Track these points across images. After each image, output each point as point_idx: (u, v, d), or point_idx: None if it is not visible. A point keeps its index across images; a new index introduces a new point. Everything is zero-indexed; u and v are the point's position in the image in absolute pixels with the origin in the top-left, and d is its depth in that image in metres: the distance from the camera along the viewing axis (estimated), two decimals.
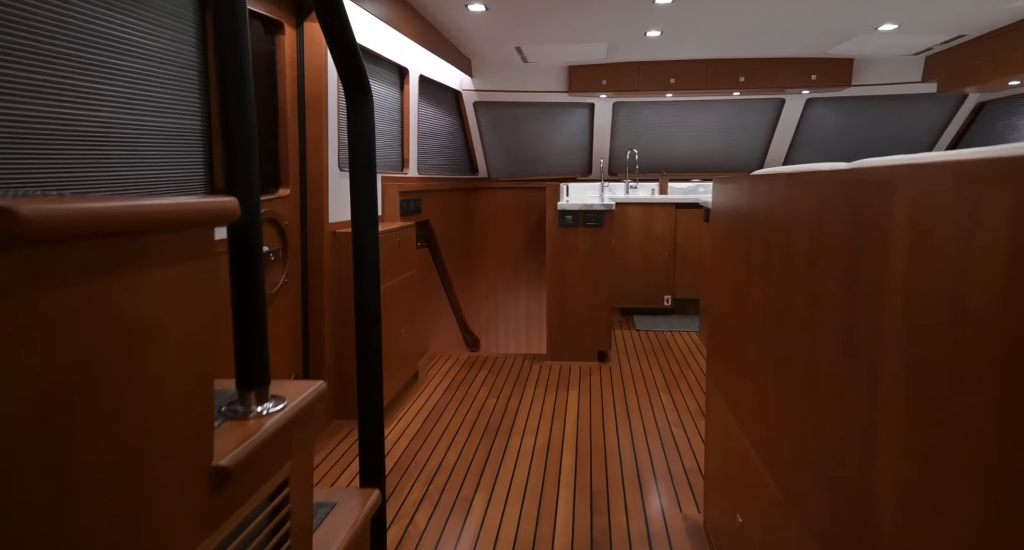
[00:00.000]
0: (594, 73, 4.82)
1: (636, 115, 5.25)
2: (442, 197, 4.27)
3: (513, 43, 4.12)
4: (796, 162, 5.38)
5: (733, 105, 5.09)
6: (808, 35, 3.95)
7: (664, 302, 4.88)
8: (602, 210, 3.60)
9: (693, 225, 4.77)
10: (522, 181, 5.57)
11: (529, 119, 5.19)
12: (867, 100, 4.78)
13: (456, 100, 4.75)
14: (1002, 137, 4.24)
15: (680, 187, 5.34)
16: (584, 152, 5.53)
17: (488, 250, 5.53)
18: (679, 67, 4.75)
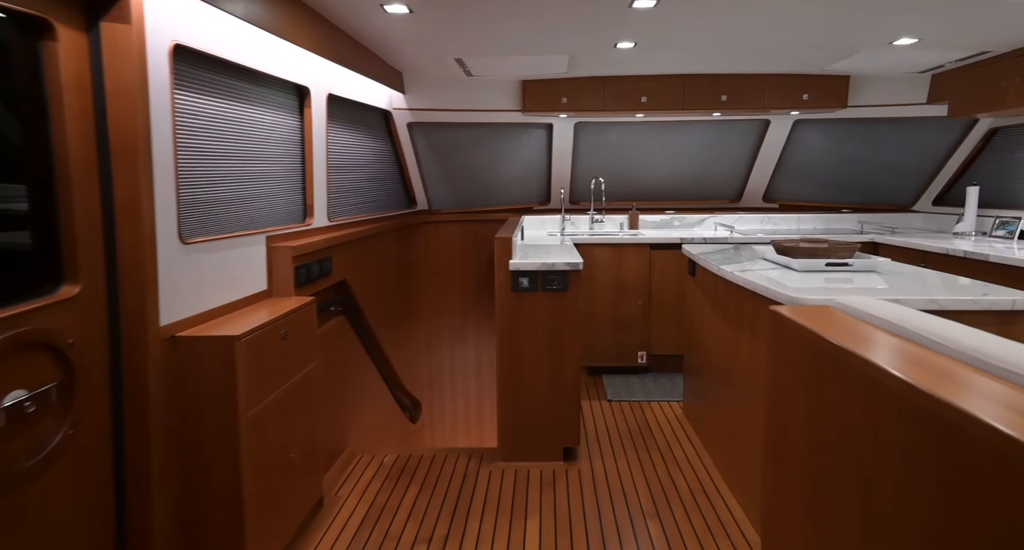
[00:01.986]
0: (552, 89, 4.05)
1: (602, 138, 4.51)
2: (364, 246, 3.41)
3: (452, 54, 3.31)
4: (780, 191, 4.73)
5: (712, 127, 4.41)
6: (805, 49, 3.27)
7: (638, 360, 4.14)
8: (567, 270, 2.82)
9: (670, 268, 4.05)
10: (470, 213, 4.75)
11: (476, 142, 4.38)
12: (861, 122, 4.17)
13: (386, 122, 3.90)
14: (1022, 167, 3.66)
15: (653, 220, 4.62)
16: (542, 179, 4.75)
17: (430, 294, 4.69)
18: (652, 83, 4.03)
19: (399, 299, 4.27)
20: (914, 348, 1.14)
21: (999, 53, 3.26)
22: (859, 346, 1.15)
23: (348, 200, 3.30)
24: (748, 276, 2.28)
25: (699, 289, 3.05)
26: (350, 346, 3.19)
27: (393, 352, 4.06)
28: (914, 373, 0.98)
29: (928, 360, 1.06)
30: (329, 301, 2.88)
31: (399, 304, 4.27)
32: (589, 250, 4.05)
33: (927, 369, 1.01)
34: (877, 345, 1.16)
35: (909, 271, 2.36)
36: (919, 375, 0.97)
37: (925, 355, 1.10)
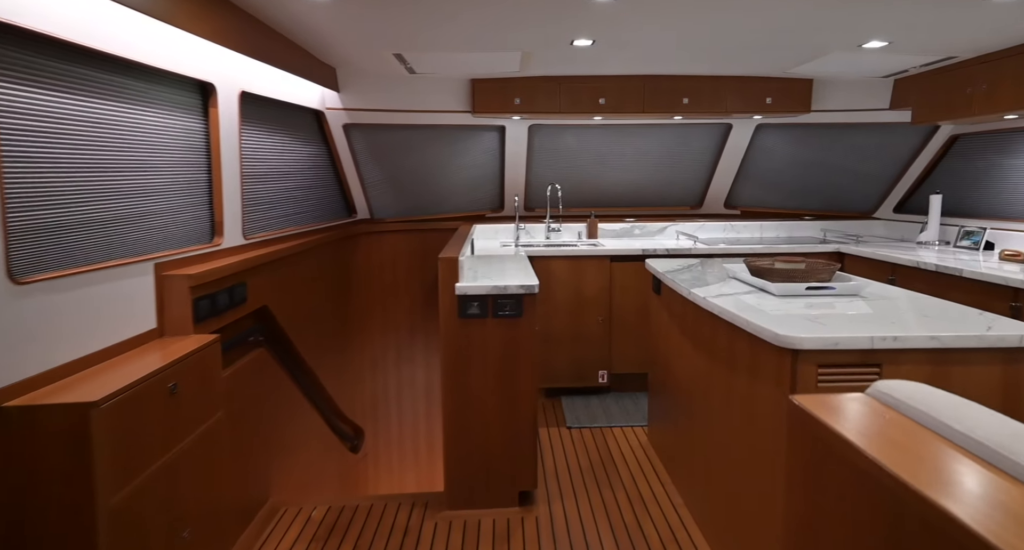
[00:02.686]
0: (504, 89, 3.74)
1: (558, 141, 4.23)
2: (293, 263, 3.02)
3: (389, 48, 2.95)
4: (741, 197, 4.56)
5: (673, 131, 4.18)
6: (772, 50, 3.06)
7: (599, 379, 3.88)
8: (520, 294, 2.51)
9: (632, 281, 3.80)
10: (417, 222, 4.40)
11: (422, 145, 4.03)
12: (822, 127, 4.02)
13: (318, 123, 3.51)
14: (985, 176, 3.57)
15: (612, 229, 4.37)
16: (494, 185, 4.44)
17: (374, 311, 4.31)
18: (611, 84, 3.77)
19: (338, 318, 3.89)
20: (1011, 486, 0.86)
21: (965, 59, 3.13)
22: (929, 483, 0.86)
23: (272, 213, 2.90)
24: (724, 304, 2.03)
25: (665, 309, 2.80)
26: (273, 380, 2.80)
27: (332, 378, 3.68)
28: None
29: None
30: (245, 333, 2.49)
31: (338, 324, 3.88)
32: (546, 263, 3.76)
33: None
34: (953, 483, 0.87)
35: (894, 294, 2.15)
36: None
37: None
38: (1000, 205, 3.46)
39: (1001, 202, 3.45)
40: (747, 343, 1.91)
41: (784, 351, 1.67)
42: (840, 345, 1.62)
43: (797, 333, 1.63)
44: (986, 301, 2.65)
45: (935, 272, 2.95)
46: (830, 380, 1.64)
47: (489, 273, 2.76)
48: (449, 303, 2.51)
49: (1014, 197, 3.37)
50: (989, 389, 1.63)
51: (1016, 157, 3.35)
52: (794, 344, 1.62)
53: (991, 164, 3.53)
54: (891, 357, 1.63)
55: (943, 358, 1.63)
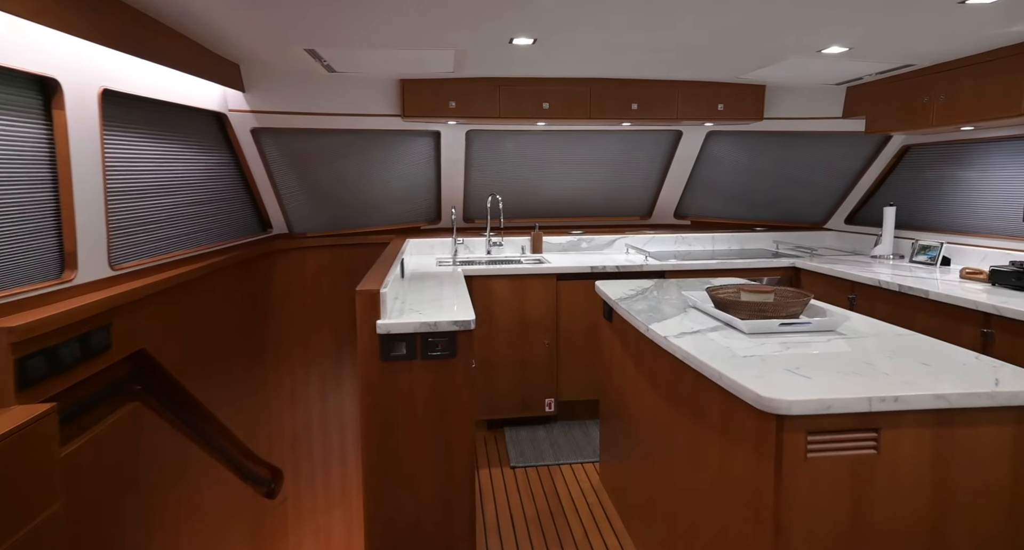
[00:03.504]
0: (438, 91, 3.38)
1: (498, 148, 3.89)
2: (185, 292, 2.56)
3: (300, 43, 2.54)
4: (691, 207, 4.35)
5: (621, 138, 3.92)
6: (728, 54, 2.82)
7: (546, 408, 3.57)
8: (454, 331, 2.16)
9: (580, 301, 3.51)
10: (343, 236, 3.97)
11: (347, 152, 3.61)
12: (774, 136, 3.84)
13: (220, 127, 3.04)
14: (935, 188, 3.46)
15: (558, 242, 4.07)
16: (430, 195, 4.06)
17: (294, 336, 3.85)
18: (555, 88, 3.46)
19: (250, 349, 3.42)
20: None
21: (921, 67, 2.99)
22: None
23: (156, 235, 2.43)
24: (689, 347, 1.73)
25: (618, 339, 2.50)
26: (156, 437, 2.33)
27: (242, 417, 3.22)
28: None
29: None
30: (108, 388, 2.02)
31: (250, 356, 3.41)
32: (487, 283, 3.41)
33: None
34: None
35: (873, 330, 1.92)
36: None
37: None
38: (953, 218, 3.36)
39: (955, 215, 3.35)
40: (718, 396, 1.62)
41: (767, 415, 1.38)
42: (833, 409, 1.34)
43: (783, 395, 1.35)
44: (954, 325, 2.48)
45: (899, 293, 2.78)
46: (821, 449, 1.37)
47: (419, 304, 2.39)
48: (369, 344, 2.13)
49: (968, 210, 3.27)
50: (999, 452, 1.40)
51: (969, 169, 3.25)
52: (780, 409, 1.34)
53: (943, 176, 3.43)
54: (891, 420, 1.37)
55: (949, 419, 1.38)
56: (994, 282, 2.63)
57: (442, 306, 2.36)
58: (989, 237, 3.11)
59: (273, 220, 3.65)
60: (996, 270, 2.61)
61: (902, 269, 3.19)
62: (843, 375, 1.49)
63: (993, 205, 3.10)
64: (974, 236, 3.20)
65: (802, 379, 1.46)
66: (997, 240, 3.06)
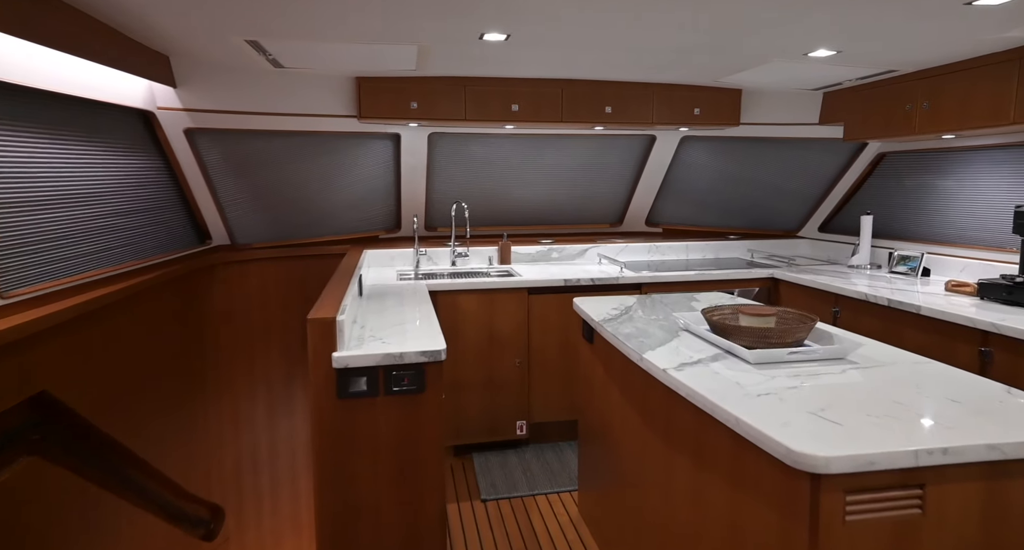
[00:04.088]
0: (398, 91, 3.11)
1: (463, 152, 3.64)
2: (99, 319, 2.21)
3: (240, 33, 2.23)
4: (663, 214, 4.20)
5: (593, 142, 3.73)
6: (709, 56, 2.66)
7: (517, 431, 3.33)
8: (422, 362, 1.90)
9: (553, 315, 3.29)
10: (293, 247, 3.64)
11: (296, 156, 3.29)
12: (748, 141, 3.72)
13: (147, 127, 2.69)
14: (914, 196, 3.39)
15: (527, 252, 3.84)
16: (389, 202, 3.77)
17: (238, 358, 3.50)
18: (524, 89, 3.23)
19: (185, 375, 3.06)
20: None
21: (904, 73, 2.89)
22: None
23: (60, 254, 2.08)
24: (695, 384, 1.53)
25: (601, 363, 2.29)
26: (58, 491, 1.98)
27: (175, 453, 2.86)
28: None
29: None
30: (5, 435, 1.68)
31: (185, 382, 3.05)
32: (452, 298, 3.15)
33: None
34: None
35: (883, 358, 1.76)
36: None
37: None
38: (931, 228, 3.30)
39: (933, 225, 3.28)
40: (728, 439, 1.42)
41: (798, 473, 1.19)
42: (876, 465, 1.16)
43: (819, 450, 1.15)
44: (949, 343, 2.37)
45: (888, 308, 2.66)
46: (861, 511, 1.18)
47: (381, 329, 2.11)
48: (323, 379, 1.85)
49: (946, 220, 3.21)
50: None
51: (947, 178, 3.19)
52: (816, 467, 1.14)
53: (920, 184, 3.36)
54: (937, 474, 1.19)
55: (1002, 471, 1.21)
56: (983, 296, 2.54)
57: (407, 331, 2.09)
58: (969, 248, 3.05)
59: (212, 231, 3.29)
60: (985, 283, 2.52)
61: (883, 280, 3.09)
62: (876, 419, 1.31)
63: (973, 215, 3.04)
64: (953, 246, 3.14)
65: (831, 426, 1.27)
66: (977, 251, 3.00)
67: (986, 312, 2.32)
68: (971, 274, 2.97)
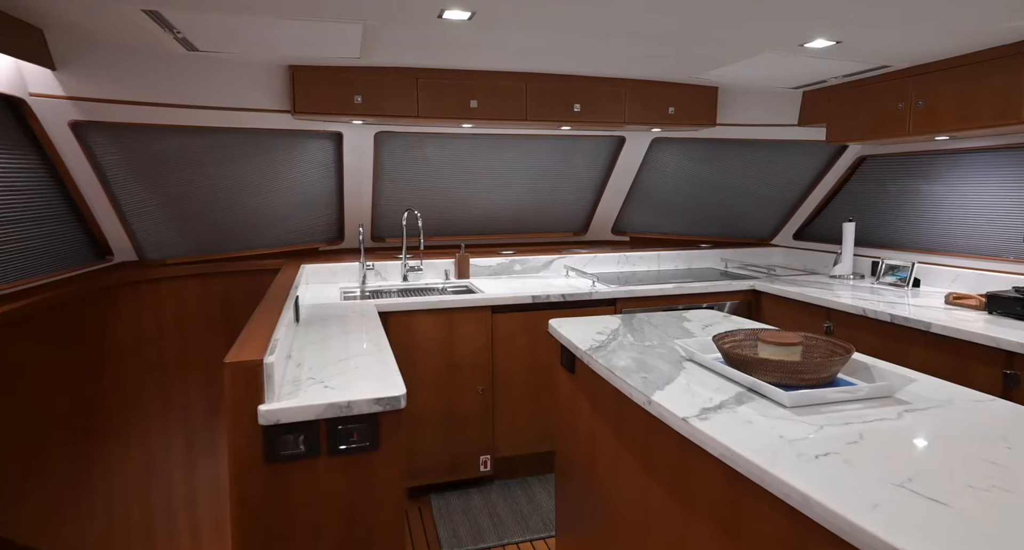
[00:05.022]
0: (340, 82, 2.70)
1: (415, 153, 3.24)
2: None
3: (136, 2, 1.77)
4: (631, 222, 3.92)
5: (558, 144, 3.41)
6: (693, 45, 2.38)
7: (481, 468, 2.95)
8: (376, 412, 1.50)
9: (520, 336, 2.93)
10: (216, 262, 3.14)
11: (221, 156, 2.81)
12: (721, 143, 3.49)
13: (18, 117, 2.16)
14: (898, 202, 3.23)
15: (487, 265, 3.47)
16: (330, 209, 3.34)
17: (148, 391, 2.97)
18: (485, 82, 2.88)
19: (77, 417, 2.52)
20: None
21: (896, 69, 2.70)
22: None
23: None
24: (730, 442, 1.20)
25: (585, 396, 1.95)
26: None
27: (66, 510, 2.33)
28: None
29: None
30: None
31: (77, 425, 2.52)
32: (406, 321, 2.75)
33: None
34: None
35: (938, 393, 1.49)
36: None
37: None
38: (918, 235, 3.13)
39: (920, 232, 3.12)
40: (783, 517, 1.10)
41: None
42: None
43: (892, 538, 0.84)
44: (966, 364, 2.16)
45: (888, 324, 2.44)
46: None
47: (323, 368, 1.70)
48: (246, 440, 1.42)
49: (935, 226, 3.04)
50: None
51: (934, 182, 3.03)
52: None
53: (905, 189, 3.20)
54: None
55: None
56: (992, 310, 2.35)
57: (355, 370, 1.68)
58: (960, 256, 2.89)
59: (114, 245, 2.77)
60: (995, 296, 2.33)
61: (872, 292, 2.89)
62: (986, 494, 1.00)
63: (965, 221, 2.89)
64: (943, 255, 2.98)
65: (938, 509, 0.96)
66: (971, 260, 2.84)
67: (1004, 329, 2.11)
68: (964, 285, 2.81)
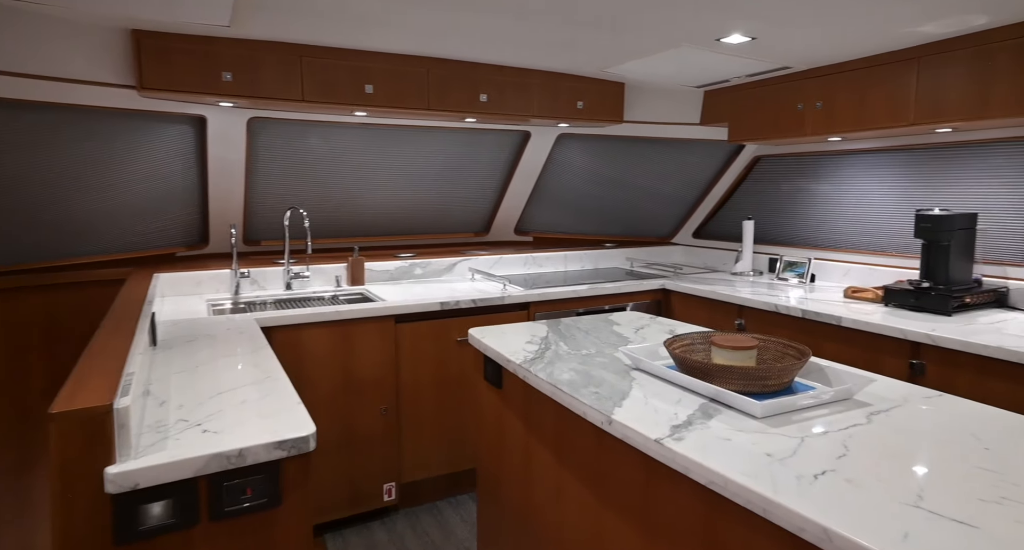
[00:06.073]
0: (203, 55, 2.27)
1: (298, 144, 2.85)
2: None
3: None
4: (534, 221, 3.78)
5: (460, 137, 3.16)
6: (610, 33, 2.25)
7: (385, 497, 2.62)
8: (280, 458, 1.17)
9: (428, 347, 2.65)
10: (39, 271, 2.53)
11: (42, 139, 2.25)
12: (626, 141, 3.44)
13: None
14: (792, 201, 3.35)
15: (384, 269, 3.14)
16: (192, 207, 2.84)
17: None
18: (382, 65, 2.57)
19: None
20: None
21: (796, 71, 2.77)
22: None
23: None
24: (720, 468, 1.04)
25: (515, 413, 1.73)
26: None
27: None
28: None
29: None
30: None
31: None
32: (294, 336, 2.36)
33: None
34: None
35: (892, 393, 1.44)
36: None
37: None
38: (810, 232, 3.26)
39: (812, 229, 3.25)
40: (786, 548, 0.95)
41: None
42: None
43: None
44: (875, 357, 2.21)
45: (800, 319, 2.47)
46: None
47: (197, 406, 1.32)
48: (85, 515, 1.03)
49: (825, 224, 3.18)
50: None
51: (823, 182, 3.17)
52: None
53: (797, 188, 3.32)
54: None
55: None
56: (888, 302, 2.45)
57: (244, 404, 1.33)
58: (850, 252, 3.04)
59: None
60: (891, 289, 2.44)
61: (770, 287, 2.96)
62: (997, 507, 0.91)
63: (854, 219, 3.03)
64: (834, 251, 3.12)
65: (966, 532, 0.85)
66: (859, 255, 3.00)
67: (905, 320, 2.19)
68: (856, 279, 2.95)
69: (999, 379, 1.86)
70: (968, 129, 2.42)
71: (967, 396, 1.94)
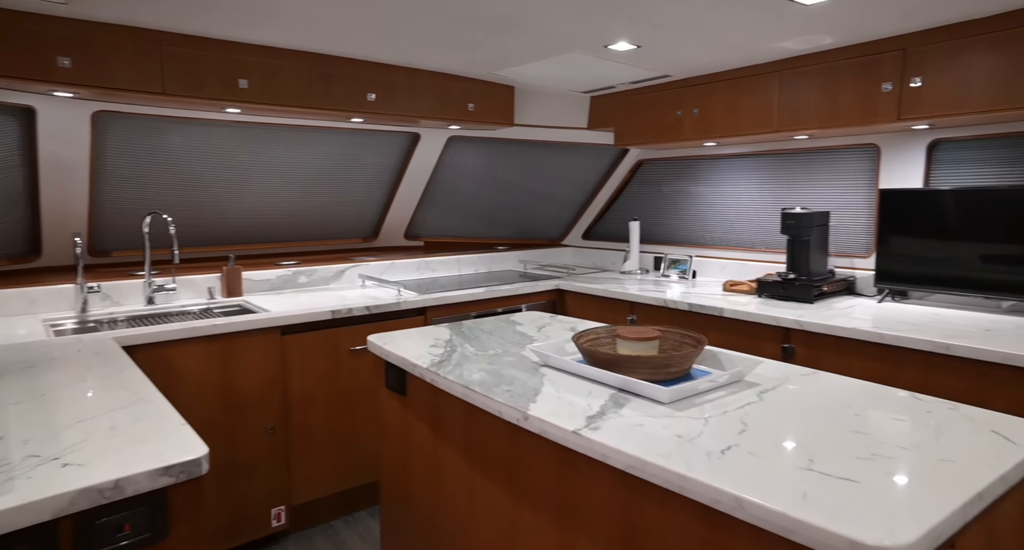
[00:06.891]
0: (33, 35, 1.99)
1: (156, 143, 2.57)
2: None
3: None
4: (424, 226, 3.71)
5: (345, 138, 3.03)
6: (502, 34, 2.27)
7: (274, 523, 2.42)
8: (167, 485, 1.02)
9: (318, 359, 2.49)
10: None
11: None
12: (516, 144, 3.48)
13: None
14: (673, 202, 3.55)
15: (265, 279, 2.92)
16: (16, 213, 2.47)
17: None
18: (258, 58, 2.40)
19: None
20: None
21: (676, 79, 2.94)
22: None
23: None
24: (637, 452, 1.05)
25: (423, 420, 1.67)
26: None
27: None
28: None
29: None
30: None
31: None
32: (160, 354, 2.11)
33: None
34: None
35: (775, 373, 1.55)
36: None
37: None
38: (690, 232, 3.47)
39: (691, 228, 3.46)
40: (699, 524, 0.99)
41: None
42: (941, 536, 0.85)
43: (895, 538, 0.79)
44: (754, 343, 2.40)
45: (687, 312, 2.62)
46: None
47: (47, 441, 1.12)
48: None
49: (702, 224, 3.40)
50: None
51: (699, 184, 3.39)
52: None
53: (677, 190, 3.52)
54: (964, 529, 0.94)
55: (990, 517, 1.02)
56: (760, 293, 2.67)
57: (114, 431, 1.15)
58: (725, 249, 3.28)
59: None
60: (763, 281, 2.66)
61: (657, 284, 3.12)
62: (872, 463, 1.01)
63: (726, 219, 3.28)
64: (711, 248, 3.35)
65: (851, 488, 0.92)
66: (733, 251, 3.24)
67: (777, 309, 2.40)
68: (732, 273, 3.19)
69: (856, 356, 2.09)
70: (822, 136, 2.71)
71: (832, 371, 2.16)
